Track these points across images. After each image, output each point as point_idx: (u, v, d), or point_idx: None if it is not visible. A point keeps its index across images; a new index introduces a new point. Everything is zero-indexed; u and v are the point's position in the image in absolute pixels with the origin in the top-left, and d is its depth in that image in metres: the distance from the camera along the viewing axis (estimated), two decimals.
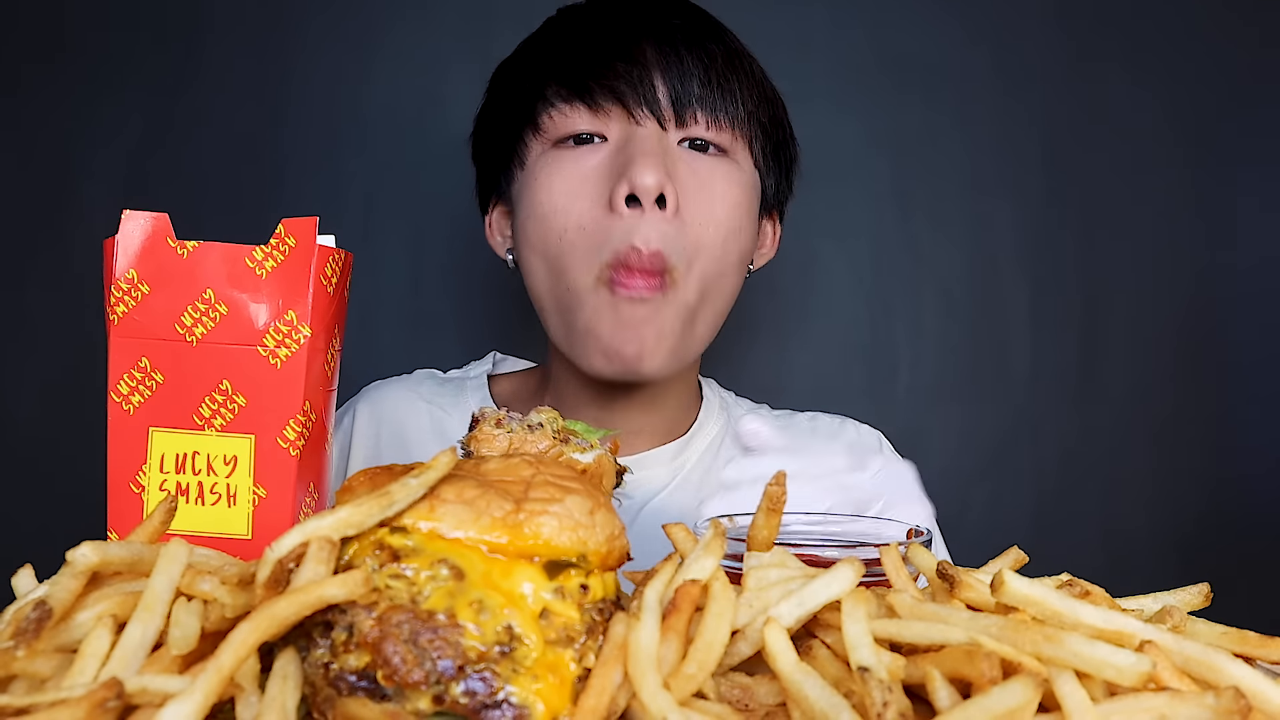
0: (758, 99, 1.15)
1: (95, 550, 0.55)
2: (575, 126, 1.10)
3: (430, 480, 0.55)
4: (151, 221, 0.75)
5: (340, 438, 1.30)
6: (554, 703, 0.50)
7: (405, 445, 1.26)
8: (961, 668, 0.49)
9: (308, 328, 0.75)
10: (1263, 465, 1.83)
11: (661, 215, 1.05)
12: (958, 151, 1.80)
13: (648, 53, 1.08)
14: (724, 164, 1.12)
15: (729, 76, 1.11)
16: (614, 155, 1.08)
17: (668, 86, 1.08)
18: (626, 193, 1.04)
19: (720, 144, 1.12)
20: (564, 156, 1.10)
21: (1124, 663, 0.47)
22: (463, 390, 1.31)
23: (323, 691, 0.50)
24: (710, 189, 1.10)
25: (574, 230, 1.08)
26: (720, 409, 1.31)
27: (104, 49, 1.74)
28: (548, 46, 1.16)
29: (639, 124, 1.08)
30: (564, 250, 1.08)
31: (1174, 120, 1.81)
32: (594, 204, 1.07)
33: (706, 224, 1.09)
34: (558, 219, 1.08)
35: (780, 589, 0.54)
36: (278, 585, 0.50)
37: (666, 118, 1.09)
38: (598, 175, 1.08)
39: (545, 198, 1.09)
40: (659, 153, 1.06)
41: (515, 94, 1.16)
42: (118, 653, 0.50)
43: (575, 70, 1.09)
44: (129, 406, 0.75)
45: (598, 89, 1.08)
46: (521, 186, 1.14)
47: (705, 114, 1.09)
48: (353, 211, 1.76)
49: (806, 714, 0.49)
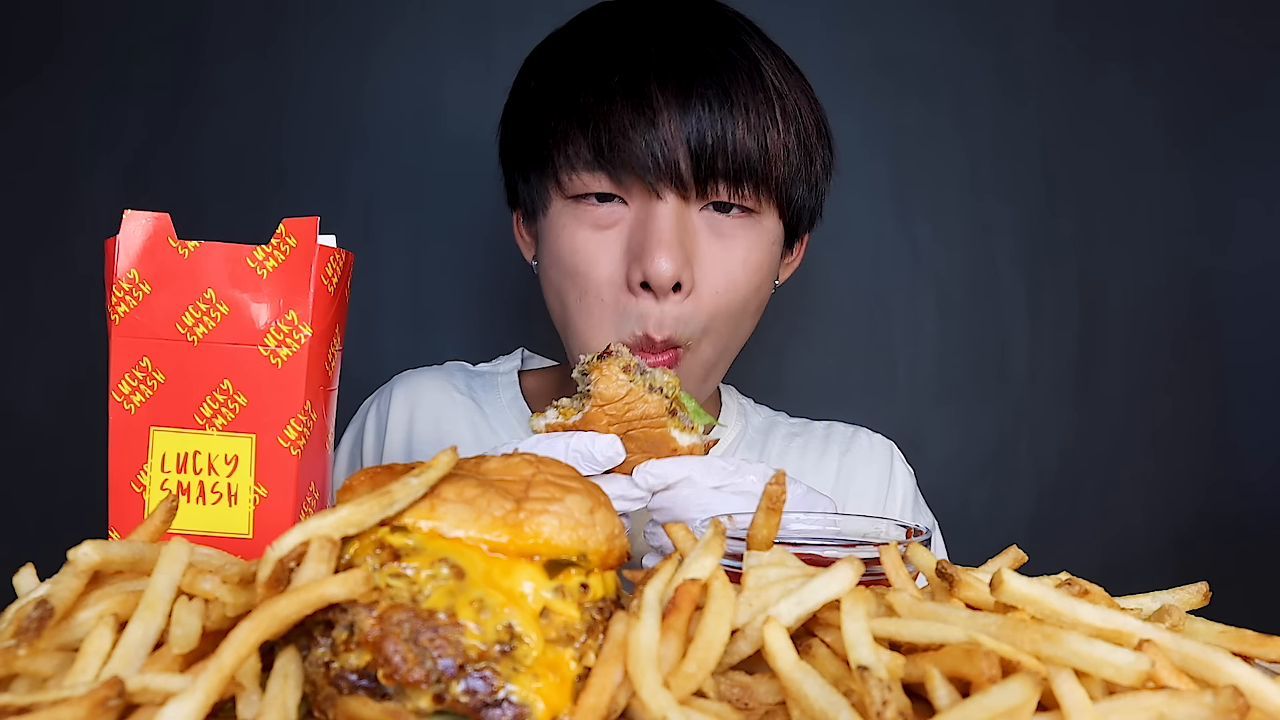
0: (794, 142, 1.09)
1: (97, 549, 0.55)
2: (595, 188, 1.07)
3: (431, 479, 0.55)
4: (153, 221, 0.75)
5: (376, 423, 1.31)
6: (554, 701, 0.50)
7: (439, 430, 1.28)
8: (961, 666, 0.49)
9: (309, 327, 0.75)
10: (1261, 465, 1.83)
11: (675, 299, 1.04)
12: (956, 152, 1.80)
13: (672, 118, 1.02)
14: (748, 227, 1.09)
15: (762, 135, 1.05)
16: (633, 230, 1.06)
17: (689, 158, 1.03)
18: (641, 279, 1.03)
19: (746, 206, 1.08)
20: (584, 216, 1.08)
21: (1123, 661, 0.47)
22: (494, 384, 1.34)
23: (324, 690, 0.51)
24: (731, 255, 1.07)
25: (592, 298, 1.08)
26: (739, 415, 1.33)
27: (106, 50, 1.74)
28: (568, 87, 1.08)
29: (660, 198, 1.04)
30: (583, 311, 1.09)
31: (1173, 122, 1.81)
32: (611, 278, 1.06)
33: (724, 293, 1.07)
34: (579, 280, 1.08)
35: (780, 588, 0.55)
36: (279, 584, 0.51)
37: (689, 189, 1.04)
38: (616, 246, 1.07)
39: (567, 256, 1.09)
40: (675, 239, 1.03)
41: (535, 130, 1.11)
42: (119, 651, 0.50)
43: (598, 134, 1.04)
44: (130, 406, 0.75)
45: (620, 164, 1.03)
46: (544, 231, 1.14)
47: (728, 185, 1.05)
48: (353, 211, 1.76)
49: (806, 712, 0.50)
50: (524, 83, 1.17)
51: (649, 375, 0.83)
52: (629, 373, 0.82)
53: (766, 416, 1.35)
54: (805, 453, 1.28)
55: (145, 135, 1.74)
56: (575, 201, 1.08)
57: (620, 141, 1.03)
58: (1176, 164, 1.81)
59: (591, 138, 1.05)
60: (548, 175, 1.10)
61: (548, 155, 1.09)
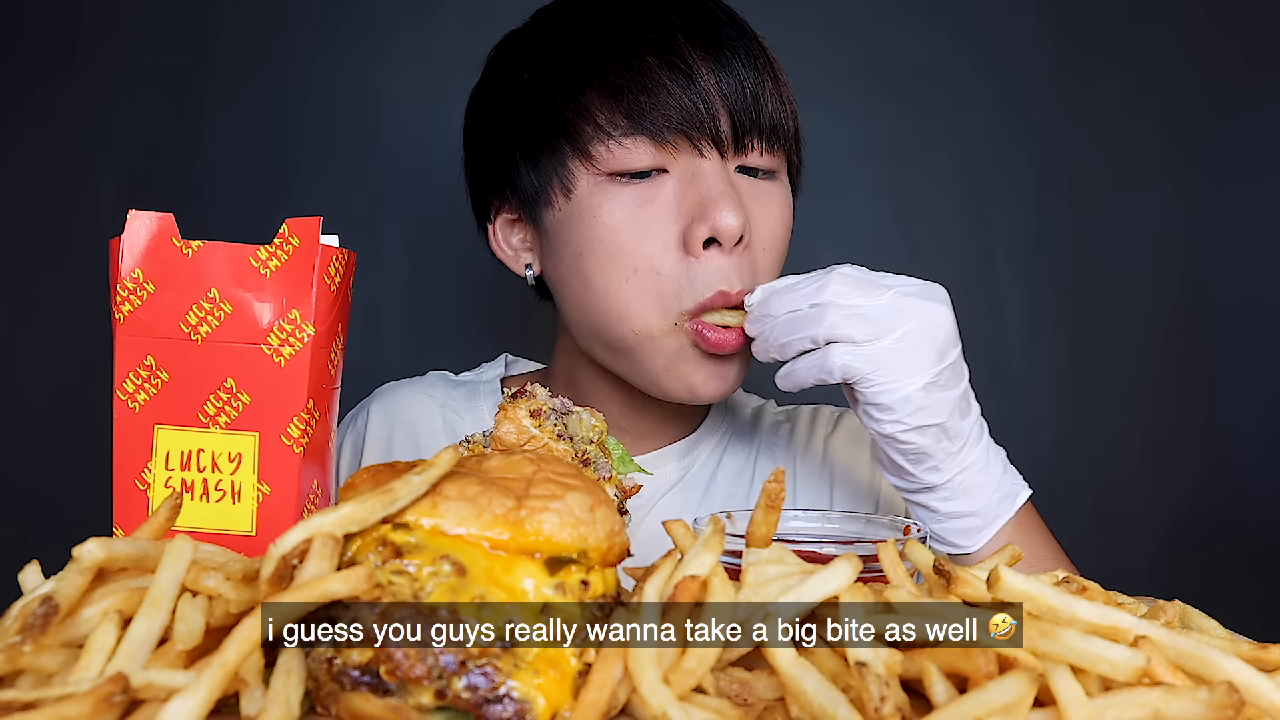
0: (793, 112, 1.10)
1: (101, 546, 0.55)
2: (638, 163, 1.01)
3: (433, 477, 0.56)
4: (157, 221, 0.76)
5: (353, 438, 1.30)
6: (555, 697, 0.51)
7: (418, 447, 1.26)
8: (958, 663, 0.49)
9: (311, 326, 0.76)
10: (1254, 466, 1.83)
11: (738, 252, 1.02)
12: (954, 153, 1.80)
13: (708, 74, 1.01)
14: (775, 187, 1.09)
15: (777, 93, 1.06)
16: (683, 191, 1.02)
17: (729, 114, 1.02)
18: (707, 235, 0.99)
19: (770, 167, 1.08)
20: (625, 194, 1.02)
21: (1118, 658, 0.47)
22: (476, 394, 1.30)
23: (326, 686, 0.51)
24: (769, 212, 1.07)
25: (645, 272, 1.01)
26: (729, 403, 1.32)
27: (110, 51, 1.74)
28: (586, 52, 1.05)
29: (704, 156, 1.02)
30: (630, 293, 1.02)
31: (1168, 122, 1.81)
32: (666, 246, 1.01)
33: (769, 249, 1.06)
34: (625, 259, 1.02)
35: (778, 584, 0.55)
36: (281, 581, 0.51)
37: (727, 147, 1.03)
38: (667, 213, 1.02)
39: (608, 236, 1.02)
40: (733, 191, 1.01)
41: (549, 105, 1.05)
42: (123, 648, 0.51)
43: (634, 95, 1.00)
44: (134, 404, 0.75)
45: (664, 122, 1.00)
46: (568, 218, 1.06)
47: (762, 141, 1.04)
48: (356, 211, 1.77)
49: (804, 708, 0.50)
50: (510, 74, 1.12)
51: (565, 420, 0.79)
52: (537, 418, 0.78)
53: (756, 407, 1.35)
54: (793, 438, 1.28)
55: (150, 136, 1.75)
56: (611, 179, 1.03)
57: (662, 100, 0.99)
58: (1171, 164, 1.81)
59: (627, 102, 1.00)
60: (570, 155, 1.04)
61: (574, 129, 1.03)
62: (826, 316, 0.89)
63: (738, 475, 1.24)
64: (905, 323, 0.89)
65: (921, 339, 0.90)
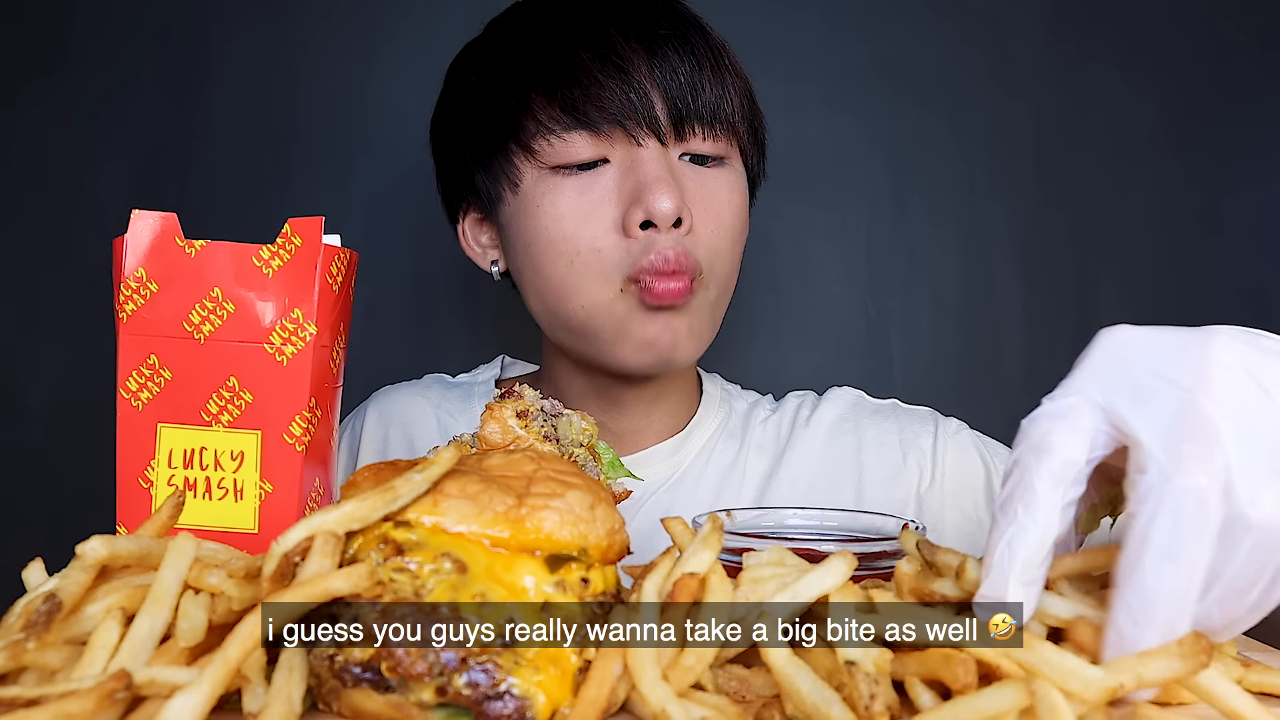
0: (743, 95, 1.13)
1: (104, 544, 0.55)
2: (578, 155, 1.05)
3: (434, 475, 0.56)
4: (160, 221, 0.76)
5: (349, 441, 1.31)
6: (555, 694, 0.51)
7: (413, 449, 1.27)
8: (939, 670, 0.50)
9: (313, 325, 0.76)
10: None
11: (677, 234, 1.04)
12: (952, 153, 1.80)
13: (641, 66, 1.05)
14: (723, 173, 1.11)
15: (718, 80, 1.08)
16: (622, 178, 1.05)
17: (666, 104, 1.05)
18: (642, 219, 1.02)
19: (717, 154, 1.10)
20: (566, 185, 1.06)
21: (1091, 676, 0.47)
22: (470, 395, 1.32)
23: (328, 683, 0.51)
24: (716, 199, 1.09)
25: (587, 253, 1.05)
26: (721, 401, 1.32)
27: (112, 51, 1.75)
28: (526, 54, 1.09)
29: (641, 144, 1.05)
30: (575, 273, 1.06)
31: (1166, 121, 1.81)
32: (607, 228, 1.05)
33: (718, 231, 1.08)
34: (567, 244, 1.05)
35: (775, 582, 0.55)
36: (283, 579, 0.51)
37: (667, 135, 1.06)
38: (606, 199, 1.05)
39: (550, 224, 1.06)
40: (670, 175, 1.04)
41: (495, 107, 1.10)
42: (126, 645, 0.51)
43: (569, 91, 1.04)
44: (138, 403, 0.75)
45: (599, 115, 1.03)
46: (516, 212, 1.10)
47: (703, 127, 1.07)
48: (358, 211, 1.77)
49: (798, 707, 0.50)
50: (462, 80, 1.17)
51: (554, 422, 0.79)
52: (524, 418, 0.78)
53: (750, 403, 1.35)
54: (780, 430, 1.28)
55: (152, 136, 1.75)
56: (554, 172, 1.07)
57: (594, 93, 1.04)
58: (1170, 163, 1.81)
59: (562, 97, 1.05)
60: (516, 151, 1.08)
61: (517, 128, 1.07)
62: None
63: (728, 472, 1.24)
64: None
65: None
